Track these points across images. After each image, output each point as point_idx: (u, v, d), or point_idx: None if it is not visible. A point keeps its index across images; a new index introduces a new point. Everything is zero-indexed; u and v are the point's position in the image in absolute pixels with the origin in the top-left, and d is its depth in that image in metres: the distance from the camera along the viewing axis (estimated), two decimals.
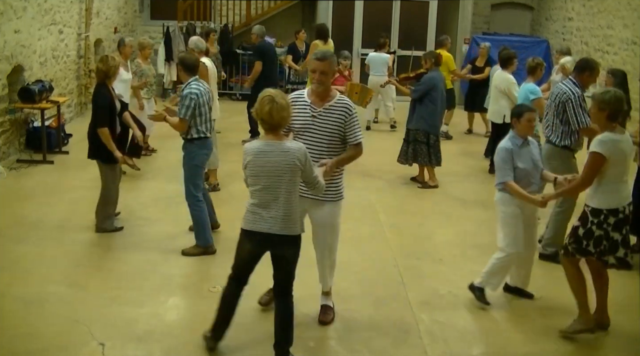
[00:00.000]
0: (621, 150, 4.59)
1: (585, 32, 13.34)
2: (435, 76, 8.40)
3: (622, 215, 4.64)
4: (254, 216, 4.13)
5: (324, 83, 4.59)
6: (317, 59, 4.59)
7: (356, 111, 4.73)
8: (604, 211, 4.61)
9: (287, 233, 4.14)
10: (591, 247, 4.66)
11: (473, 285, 5.32)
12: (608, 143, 4.55)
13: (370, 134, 11.72)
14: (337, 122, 4.60)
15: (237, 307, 4.41)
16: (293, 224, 4.15)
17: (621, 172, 4.64)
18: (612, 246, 4.65)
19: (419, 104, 8.38)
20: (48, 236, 6.40)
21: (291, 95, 4.74)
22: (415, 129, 8.44)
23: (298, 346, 4.54)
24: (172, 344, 4.54)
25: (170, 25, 14.28)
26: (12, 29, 8.73)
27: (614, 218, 4.61)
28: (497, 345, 4.77)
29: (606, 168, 4.56)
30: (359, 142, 4.66)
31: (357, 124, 4.67)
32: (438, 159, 8.49)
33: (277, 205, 4.08)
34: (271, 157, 4.05)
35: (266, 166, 4.05)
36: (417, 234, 6.97)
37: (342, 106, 4.63)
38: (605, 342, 4.86)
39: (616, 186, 4.63)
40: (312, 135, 4.59)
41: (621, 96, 4.67)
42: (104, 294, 5.24)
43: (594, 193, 4.67)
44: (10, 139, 8.98)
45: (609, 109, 4.58)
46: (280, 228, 4.11)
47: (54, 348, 4.43)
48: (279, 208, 4.08)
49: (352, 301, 5.30)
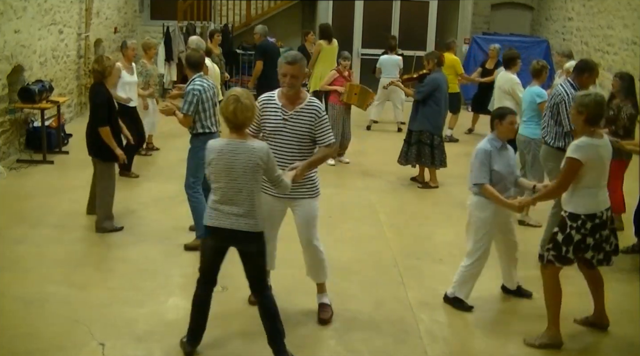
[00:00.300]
0: (599, 155, 4.52)
1: (585, 32, 13.34)
2: (439, 77, 8.38)
3: (598, 220, 4.57)
4: (217, 212, 4.19)
5: (294, 86, 4.64)
6: (287, 63, 4.61)
7: (325, 113, 4.80)
8: (582, 216, 4.54)
9: (250, 230, 4.19)
10: (570, 254, 4.58)
11: (447, 297, 5.26)
12: (585, 148, 4.47)
13: (370, 134, 11.74)
14: (308, 124, 4.68)
15: (210, 309, 4.43)
16: (255, 221, 4.20)
17: (598, 177, 4.57)
18: (585, 249, 4.60)
19: (422, 105, 8.36)
20: (48, 236, 6.40)
21: (261, 97, 4.83)
22: (418, 131, 8.42)
23: (298, 346, 4.55)
24: (172, 344, 4.54)
25: (170, 25, 14.29)
26: (12, 29, 8.73)
27: (591, 223, 4.55)
28: (497, 345, 4.77)
29: (583, 173, 4.49)
30: (329, 143, 4.74)
31: (327, 125, 4.74)
32: (442, 160, 8.46)
33: (240, 202, 4.15)
34: (234, 155, 4.11)
35: (229, 165, 4.12)
36: (417, 234, 6.97)
37: (312, 108, 4.70)
38: (607, 345, 4.85)
39: (594, 191, 4.55)
40: (283, 138, 4.67)
41: (601, 101, 4.57)
42: (104, 294, 5.24)
43: (570, 198, 4.60)
44: (10, 139, 8.98)
45: (587, 113, 4.50)
46: (244, 224, 4.17)
47: (54, 348, 4.43)
48: (241, 205, 4.15)
49: (352, 301, 5.30)
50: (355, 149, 10.06)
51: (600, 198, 4.60)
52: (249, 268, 4.32)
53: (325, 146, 4.74)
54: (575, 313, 4.98)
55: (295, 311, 5.01)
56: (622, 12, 11.67)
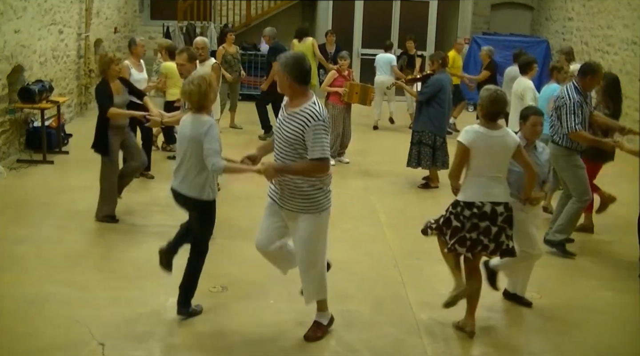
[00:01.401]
0: (488, 145, 4.55)
1: (585, 32, 13.34)
2: (443, 78, 8.35)
3: (477, 210, 4.59)
4: (174, 178, 4.85)
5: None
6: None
7: (322, 122, 4.23)
8: (461, 202, 4.65)
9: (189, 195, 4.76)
10: (448, 236, 4.69)
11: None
12: (470, 133, 4.59)
13: (371, 134, 11.74)
14: (296, 131, 4.26)
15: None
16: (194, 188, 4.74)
17: (486, 167, 4.58)
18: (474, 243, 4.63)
19: (425, 106, 8.33)
20: (48, 236, 6.40)
21: None
22: (421, 131, 8.40)
23: (298, 346, 4.55)
24: (172, 344, 4.55)
25: (170, 25, 14.31)
26: (12, 29, 8.73)
27: (469, 212, 4.60)
28: (497, 345, 4.77)
29: (470, 159, 4.59)
30: (315, 158, 4.22)
31: (318, 137, 4.21)
32: (444, 162, 8.42)
33: (181, 169, 4.73)
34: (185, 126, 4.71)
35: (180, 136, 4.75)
36: (418, 234, 6.87)
37: (304, 115, 4.25)
38: None
39: (481, 180, 4.59)
40: (277, 138, 4.43)
41: (499, 98, 4.58)
42: (104, 294, 5.24)
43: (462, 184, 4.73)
44: (10, 139, 8.98)
45: (483, 108, 4.60)
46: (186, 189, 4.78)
47: (54, 348, 4.43)
48: (182, 171, 4.73)
49: (352, 301, 5.29)
50: (355, 149, 10.06)
51: (488, 190, 4.60)
52: (187, 226, 4.99)
53: (311, 159, 4.24)
54: (575, 314, 4.96)
55: (295, 311, 5.01)
56: (622, 12, 11.67)
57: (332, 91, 9.40)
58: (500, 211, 4.60)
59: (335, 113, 9.36)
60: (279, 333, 4.71)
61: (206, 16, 15.20)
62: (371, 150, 10.51)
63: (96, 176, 6.71)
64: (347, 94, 9.27)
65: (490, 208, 4.59)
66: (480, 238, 4.62)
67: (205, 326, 4.74)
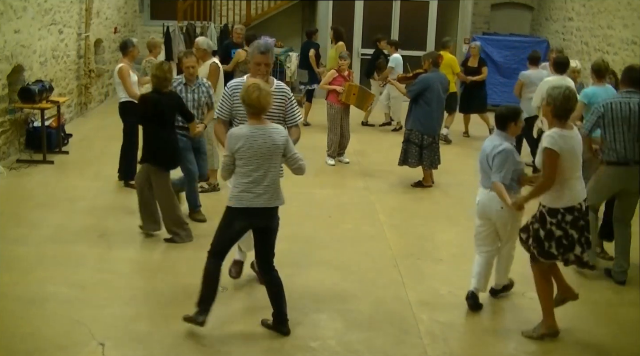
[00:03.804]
0: (571, 146, 4.57)
1: (585, 32, 13.34)
2: (431, 77, 8.27)
3: (577, 213, 4.62)
4: (248, 194, 4.48)
5: (267, 73, 4.99)
6: (261, 53, 4.92)
7: (293, 95, 5.16)
8: (561, 210, 4.60)
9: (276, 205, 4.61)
10: (554, 249, 4.64)
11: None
12: (555, 138, 4.54)
13: (370, 134, 11.73)
14: (279, 106, 4.96)
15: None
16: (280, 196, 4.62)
17: (572, 168, 4.61)
18: (570, 244, 4.63)
19: (414, 104, 8.31)
20: (48, 236, 6.40)
21: (231, 83, 5.10)
22: (409, 130, 8.39)
23: (298, 346, 4.55)
24: (172, 344, 4.54)
25: (170, 25, 14.30)
26: (12, 29, 8.73)
27: (571, 216, 4.59)
28: (497, 345, 4.77)
29: (560, 165, 4.54)
30: (296, 123, 5.10)
31: (295, 106, 5.12)
32: (433, 161, 8.37)
33: (267, 181, 4.49)
34: (263, 140, 4.45)
35: (258, 149, 4.44)
36: (417, 234, 6.97)
37: (282, 91, 5.05)
38: (602, 335, 4.86)
39: (570, 183, 4.60)
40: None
41: (572, 95, 4.61)
42: (104, 294, 5.24)
43: (549, 192, 4.63)
44: (10, 139, 8.98)
45: (553, 106, 4.57)
46: (275, 201, 4.58)
47: (54, 348, 4.43)
48: (270, 184, 4.50)
49: (352, 301, 5.30)
50: (355, 149, 10.07)
51: (577, 189, 4.64)
52: (263, 245, 4.64)
53: (294, 126, 5.07)
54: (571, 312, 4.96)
55: (295, 311, 5.01)
56: (622, 12, 11.66)
57: (330, 88, 9.38)
58: (586, 204, 4.72)
59: (334, 113, 9.35)
60: (279, 333, 4.70)
61: (206, 16, 15.18)
62: (371, 150, 10.51)
63: (96, 176, 6.70)
64: (344, 94, 9.25)
65: (585, 206, 4.69)
66: (579, 238, 4.64)
67: (205, 326, 4.73)
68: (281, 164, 4.65)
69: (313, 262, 6.02)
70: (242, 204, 4.49)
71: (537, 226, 4.68)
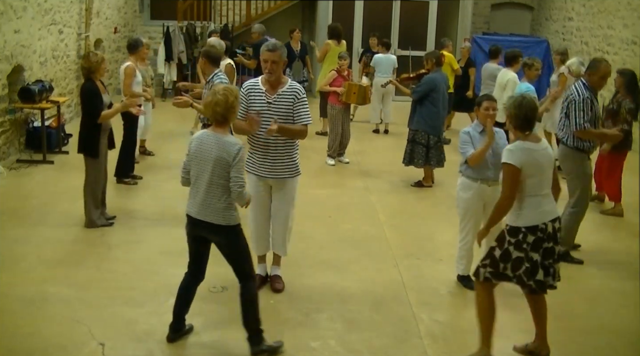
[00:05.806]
0: (534, 159, 4.23)
1: (585, 32, 13.34)
2: (437, 77, 8.32)
3: (540, 234, 4.21)
4: (191, 200, 4.40)
5: (275, 71, 5.04)
6: (268, 50, 5.01)
7: (305, 96, 5.18)
8: (522, 229, 4.22)
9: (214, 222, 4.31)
10: (509, 271, 4.25)
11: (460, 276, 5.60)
12: (515, 152, 4.23)
13: (370, 134, 11.73)
14: (289, 106, 5.08)
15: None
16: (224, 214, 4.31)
17: (538, 185, 4.26)
18: (533, 267, 4.23)
19: (419, 105, 8.31)
20: (48, 236, 6.40)
21: (246, 83, 5.22)
22: (414, 130, 8.40)
23: (298, 346, 4.55)
24: (172, 344, 4.54)
25: (170, 25, 14.30)
26: (12, 29, 8.73)
27: (533, 237, 4.20)
28: (497, 345, 4.76)
29: (522, 180, 4.20)
30: (303, 124, 5.12)
31: (305, 107, 5.13)
32: (439, 160, 8.42)
33: (200, 195, 4.31)
34: (210, 147, 4.28)
35: (200, 153, 4.31)
36: (417, 234, 6.97)
37: (293, 90, 5.12)
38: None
39: (534, 200, 4.25)
40: (267, 119, 5.01)
41: (522, 102, 4.28)
42: (104, 294, 5.24)
43: (512, 209, 4.27)
44: (10, 139, 8.98)
45: (509, 116, 4.30)
46: (211, 216, 4.32)
47: (54, 348, 4.43)
48: (210, 196, 4.29)
49: (352, 301, 5.30)
50: (355, 149, 10.07)
51: (544, 207, 4.28)
52: (225, 258, 4.46)
53: (301, 125, 5.11)
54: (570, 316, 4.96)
55: (295, 311, 5.01)
56: (622, 12, 11.67)
57: (331, 90, 9.40)
58: (558, 226, 4.32)
59: (334, 113, 9.36)
60: (279, 333, 4.70)
61: (206, 16, 15.19)
62: (371, 150, 10.51)
63: None
64: (345, 94, 9.26)
65: (552, 227, 4.27)
66: (543, 262, 4.25)
67: (204, 326, 4.74)
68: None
69: (313, 262, 6.02)
70: (187, 209, 4.41)
71: (494, 245, 4.31)
